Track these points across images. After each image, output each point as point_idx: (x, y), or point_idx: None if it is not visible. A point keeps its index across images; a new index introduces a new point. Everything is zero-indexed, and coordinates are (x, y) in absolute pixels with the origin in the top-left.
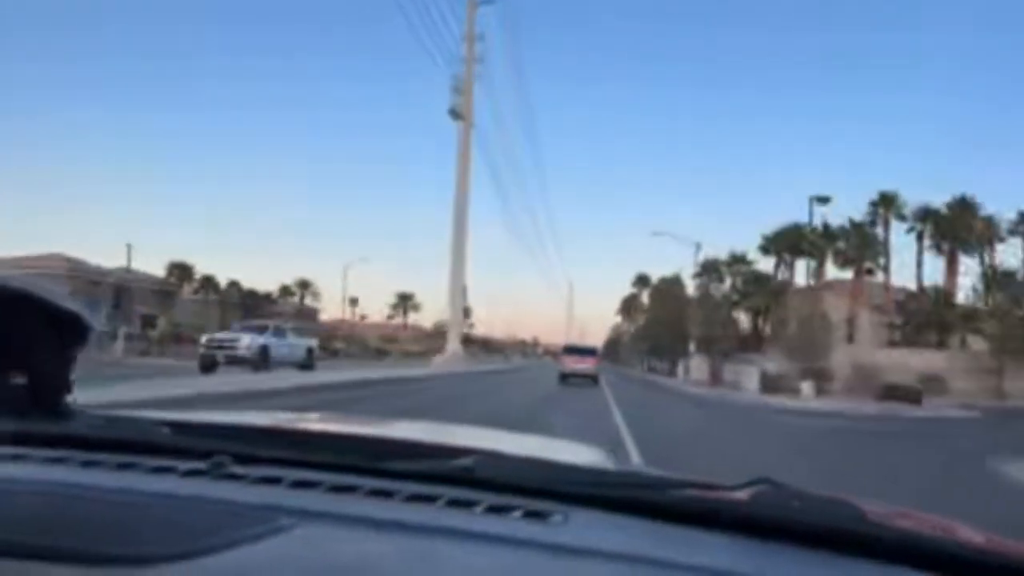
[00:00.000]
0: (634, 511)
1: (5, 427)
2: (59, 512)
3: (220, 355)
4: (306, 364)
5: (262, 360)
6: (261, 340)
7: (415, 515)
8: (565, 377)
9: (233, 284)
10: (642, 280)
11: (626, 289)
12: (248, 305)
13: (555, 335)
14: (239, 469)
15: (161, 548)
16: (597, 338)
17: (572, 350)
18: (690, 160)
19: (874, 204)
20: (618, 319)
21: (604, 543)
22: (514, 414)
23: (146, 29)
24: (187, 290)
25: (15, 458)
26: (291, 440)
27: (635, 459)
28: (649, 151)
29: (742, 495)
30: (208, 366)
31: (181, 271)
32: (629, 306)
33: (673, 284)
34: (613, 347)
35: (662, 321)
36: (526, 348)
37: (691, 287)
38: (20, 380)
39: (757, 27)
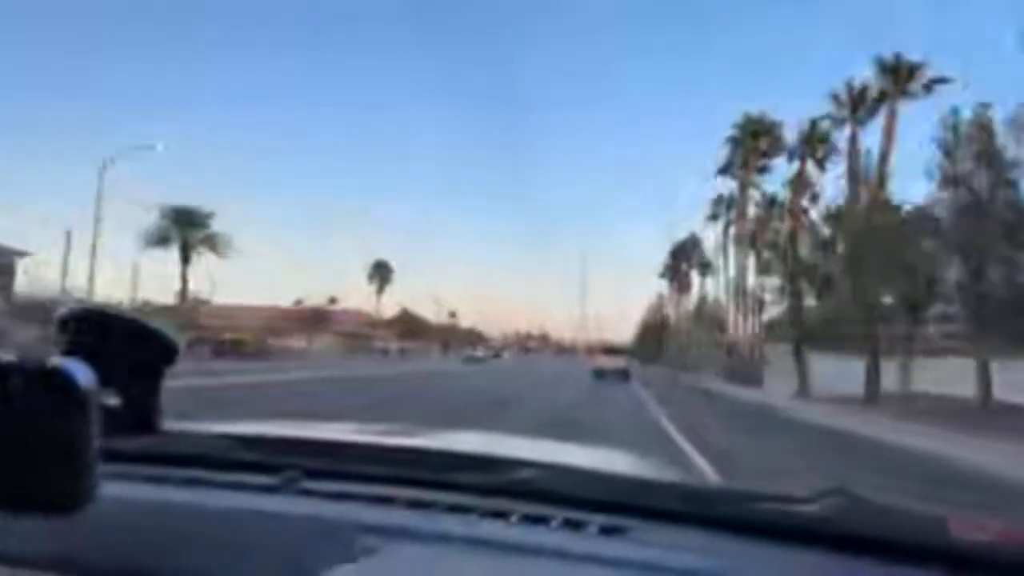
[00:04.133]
0: (710, 526)
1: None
2: (143, 532)
3: None
4: None
5: None
6: None
7: (497, 533)
8: (600, 374)
9: None
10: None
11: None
12: None
13: (565, 331)
14: (310, 484)
15: (243, 568)
16: (613, 335)
17: (606, 350)
18: None
19: None
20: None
21: (683, 560)
22: None
23: None
24: None
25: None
26: (358, 453)
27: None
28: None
29: (818, 507)
30: None
31: None
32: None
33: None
34: (651, 340)
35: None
36: (473, 340)
37: None
38: (114, 401)
39: None
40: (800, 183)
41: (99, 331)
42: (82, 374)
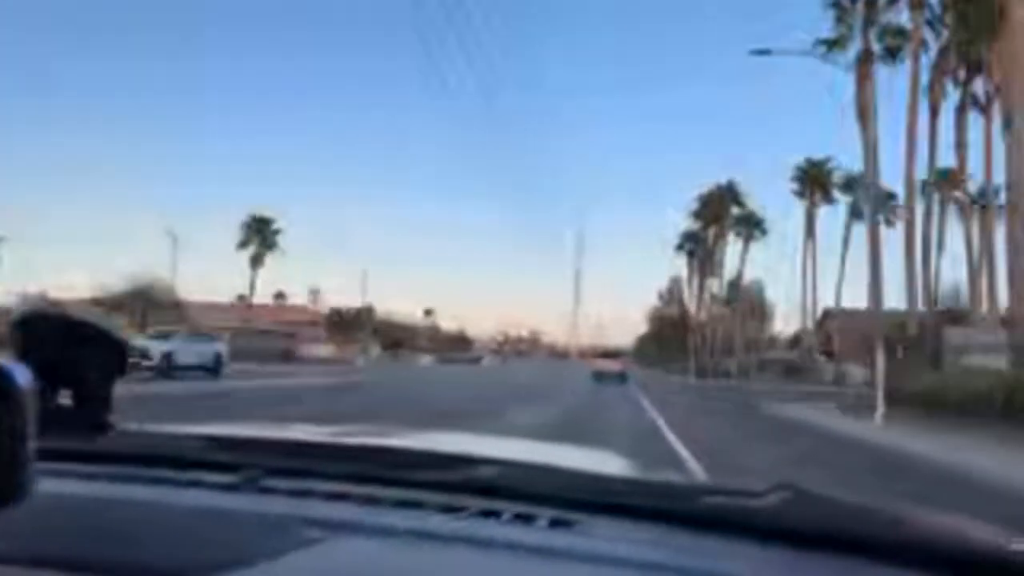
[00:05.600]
0: (660, 519)
1: (48, 444)
2: (94, 525)
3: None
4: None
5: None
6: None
7: (444, 525)
8: (599, 376)
9: None
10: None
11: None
12: None
13: (559, 333)
14: (270, 482)
15: (195, 561)
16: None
17: (603, 354)
18: None
19: None
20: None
21: (630, 551)
22: None
23: None
24: None
25: (55, 474)
26: (320, 453)
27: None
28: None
29: (768, 501)
30: None
31: None
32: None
33: None
34: (665, 339)
35: None
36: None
37: None
38: (66, 400)
39: None
40: None
41: (53, 332)
42: (19, 374)
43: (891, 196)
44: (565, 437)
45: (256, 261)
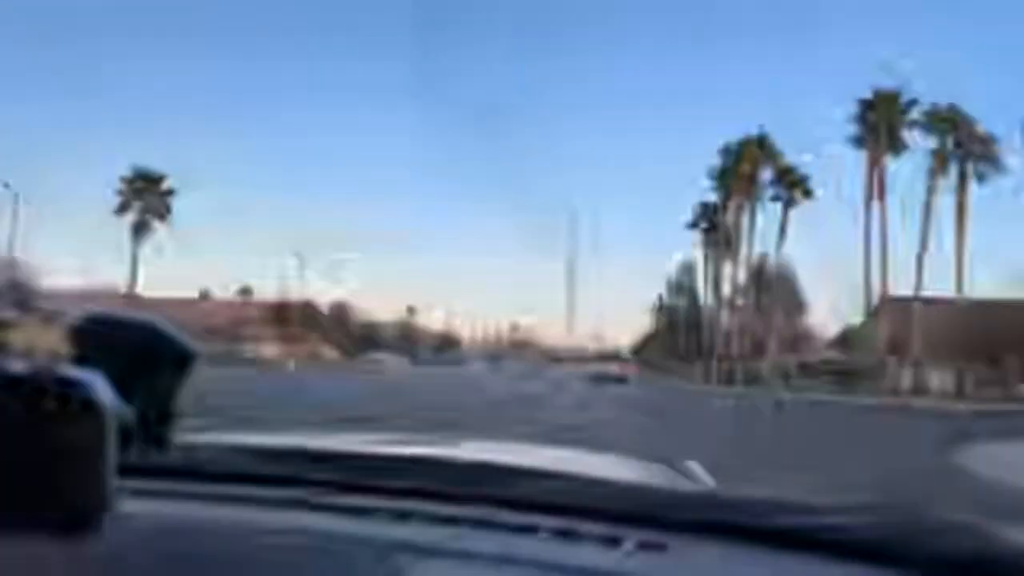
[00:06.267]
0: (746, 538)
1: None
2: (146, 548)
3: None
4: None
5: None
6: None
7: (523, 548)
8: (598, 380)
9: None
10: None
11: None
12: None
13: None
14: (330, 499)
15: None
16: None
17: (602, 357)
18: None
19: None
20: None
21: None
22: None
23: None
24: None
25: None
26: (376, 465)
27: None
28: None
29: (851, 518)
30: None
31: None
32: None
33: None
34: (677, 337)
35: None
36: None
37: None
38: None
39: None
40: None
41: (111, 339)
42: (100, 386)
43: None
44: None
45: (140, 231)
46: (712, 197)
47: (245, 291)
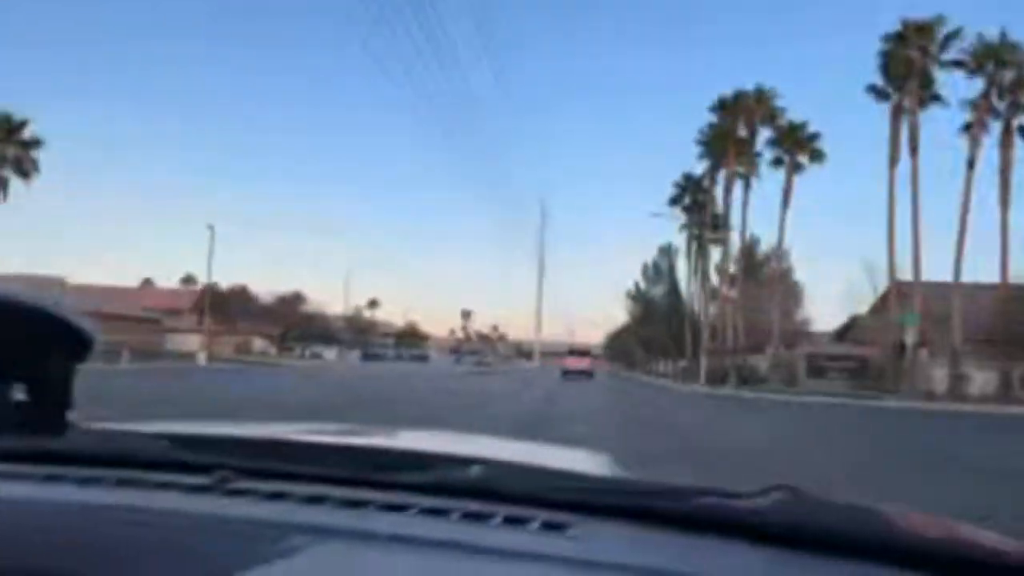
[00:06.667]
0: (653, 521)
1: (3, 444)
2: (58, 533)
3: None
4: None
5: None
6: None
7: (431, 530)
8: (566, 373)
9: None
10: None
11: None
12: None
13: (525, 329)
14: (244, 484)
15: (173, 571)
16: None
17: (572, 352)
18: None
19: None
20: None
21: (624, 555)
22: None
23: None
24: None
25: (13, 476)
26: (293, 452)
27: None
28: None
29: (762, 502)
30: None
31: None
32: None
33: None
34: (655, 331)
35: None
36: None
37: None
38: (20, 396)
39: None
40: None
41: (5, 320)
42: None
43: None
44: None
45: None
46: (699, 170)
47: (188, 280)
